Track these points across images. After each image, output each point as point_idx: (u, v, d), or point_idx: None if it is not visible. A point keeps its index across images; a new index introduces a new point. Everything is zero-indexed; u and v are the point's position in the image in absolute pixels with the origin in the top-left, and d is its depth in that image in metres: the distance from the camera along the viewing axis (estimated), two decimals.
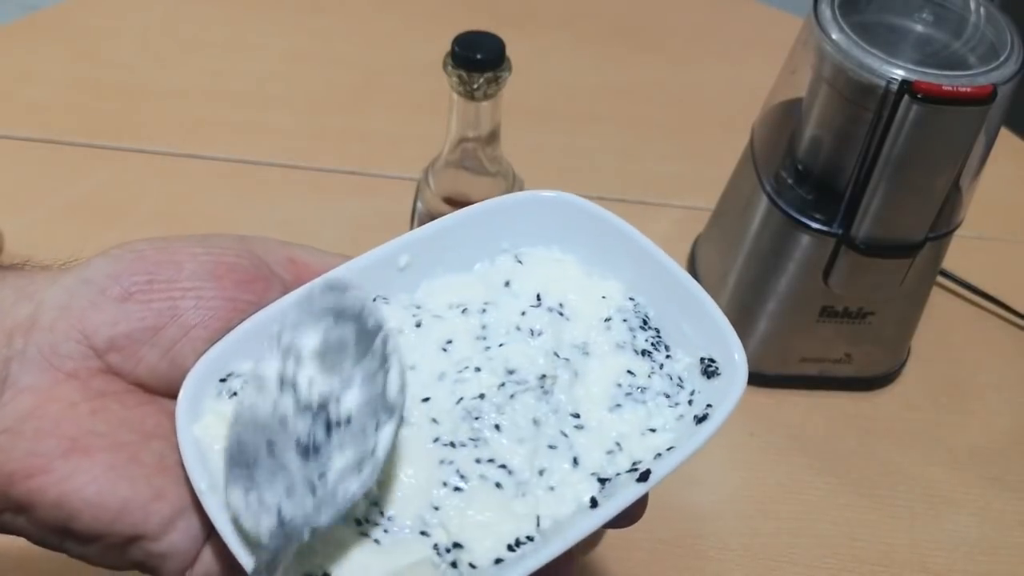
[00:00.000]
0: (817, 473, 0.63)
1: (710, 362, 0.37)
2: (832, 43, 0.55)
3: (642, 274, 0.40)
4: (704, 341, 0.38)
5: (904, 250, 0.59)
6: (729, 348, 0.37)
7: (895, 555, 0.59)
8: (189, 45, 0.91)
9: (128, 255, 0.35)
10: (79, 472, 0.31)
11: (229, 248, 0.36)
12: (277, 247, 0.38)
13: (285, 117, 0.84)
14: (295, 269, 0.37)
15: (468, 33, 0.57)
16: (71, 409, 0.32)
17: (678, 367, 0.38)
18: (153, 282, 0.34)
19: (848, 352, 0.65)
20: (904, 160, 0.54)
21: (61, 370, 0.33)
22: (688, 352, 0.38)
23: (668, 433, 0.36)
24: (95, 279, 0.34)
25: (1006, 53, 0.54)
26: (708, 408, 0.36)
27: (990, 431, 0.67)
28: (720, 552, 0.59)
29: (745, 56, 0.94)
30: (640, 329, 0.39)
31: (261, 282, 0.36)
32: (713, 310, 0.38)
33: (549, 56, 0.92)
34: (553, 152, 0.83)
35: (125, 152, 0.79)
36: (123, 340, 0.33)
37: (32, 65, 0.86)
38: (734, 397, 0.35)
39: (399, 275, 0.39)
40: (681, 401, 0.37)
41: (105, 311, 0.33)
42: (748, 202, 0.63)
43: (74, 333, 0.33)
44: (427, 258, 0.39)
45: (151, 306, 0.34)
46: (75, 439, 0.32)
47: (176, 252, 0.35)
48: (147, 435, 0.33)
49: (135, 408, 0.34)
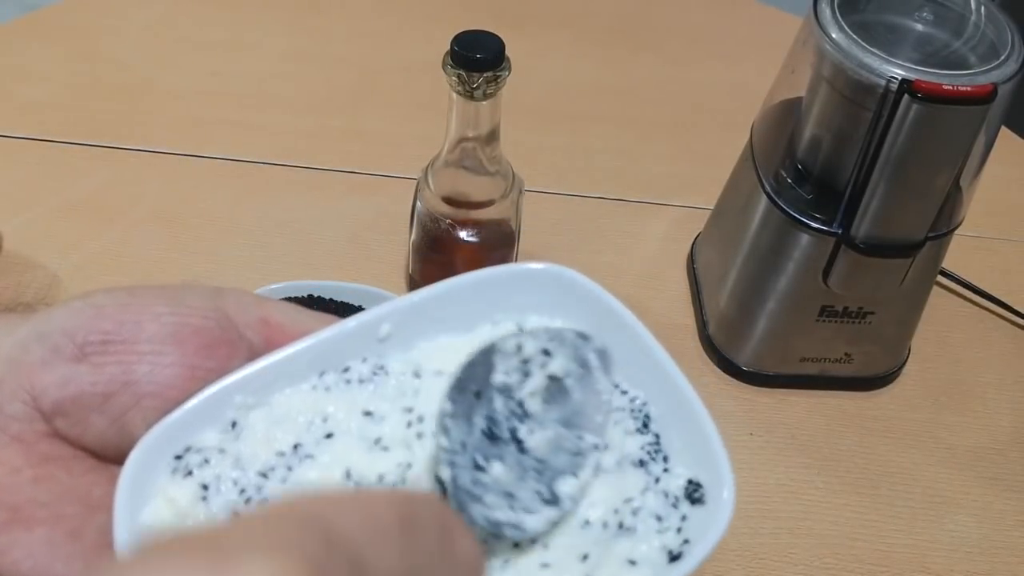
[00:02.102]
0: (817, 473, 0.63)
1: (696, 486, 0.33)
2: (832, 42, 0.55)
3: (640, 367, 0.36)
4: (692, 460, 0.34)
5: (904, 250, 0.59)
6: (720, 477, 0.32)
7: (895, 555, 0.59)
8: (189, 45, 0.91)
9: (88, 310, 0.32)
10: (17, 546, 0.30)
11: (198, 308, 0.33)
12: (251, 306, 0.35)
13: (285, 117, 0.84)
14: (267, 332, 0.35)
15: (467, 33, 0.57)
16: (14, 475, 0.31)
17: (674, 485, 0.34)
18: (108, 343, 0.32)
19: (848, 352, 0.65)
20: (904, 160, 0.54)
21: (6, 432, 0.31)
22: (682, 467, 0.34)
23: (646, 568, 0.32)
24: (50, 335, 0.32)
25: (1006, 52, 0.54)
26: (684, 545, 0.32)
27: (990, 431, 0.67)
28: (720, 552, 0.59)
29: (745, 56, 0.94)
30: (638, 433, 0.35)
31: (225, 347, 0.33)
32: (709, 428, 0.34)
33: (549, 56, 0.92)
34: (553, 152, 0.83)
35: (125, 152, 0.79)
36: (70, 404, 0.31)
37: (32, 64, 0.86)
38: (714, 536, 0.31)
39: (379, 345, 0.36)
40: (670, 527, 0.33)
41: (55, 371, 0.31)
42: (748, 202, 0.63)
43: (21, 393, 0.31)
44: (409, 328, 0.36)
45: (104, 369, 0.32)
46: (16, 509, 0.30)
47: (138, 311, 0.33)
48: (91, 507, 0.32)
49: (81, 476, 0.32)
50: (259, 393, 0.34)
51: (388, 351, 0.36)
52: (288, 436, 0.34)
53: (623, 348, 0.35)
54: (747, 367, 0.67)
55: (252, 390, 0.33)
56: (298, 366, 0.34)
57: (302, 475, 0.33)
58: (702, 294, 0.71)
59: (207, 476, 0.33)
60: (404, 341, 0.36)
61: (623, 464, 0.34)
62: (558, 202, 0.78)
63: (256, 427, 0.34)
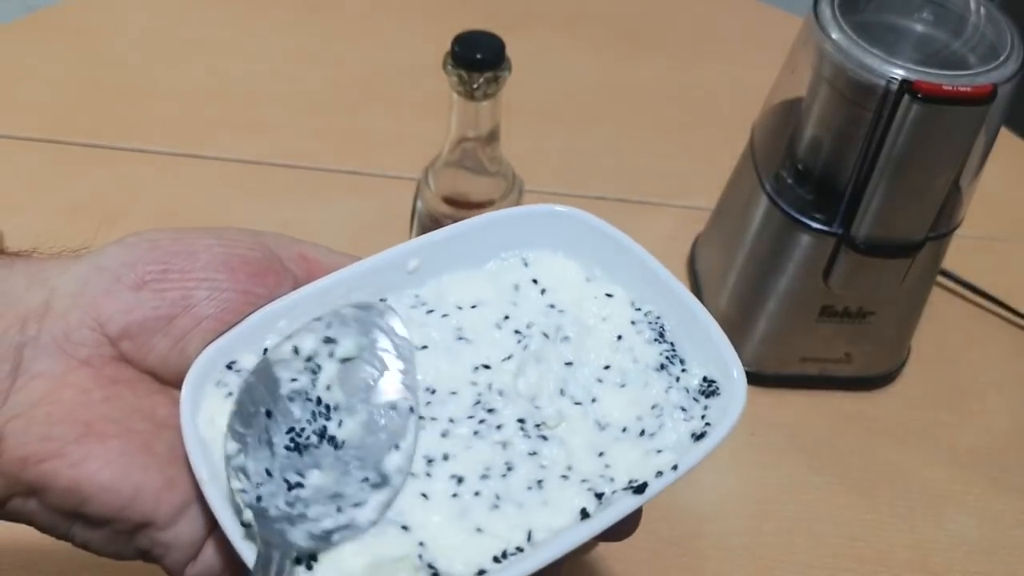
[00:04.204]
0: (817, 473, 0.63)
1: (711, 382, 0.38)
2: (832, 43, 0.55)
3: (649, 287, 0.40)
4: (703, 359, 0.38)
5: (904, 250, 0.59)
6: (727, 365, 0.37)
7: (895, 555, 0.59)
8: (189, 45, 0.91)
9: (143, 243, 0.35)
10: (92, 457, 0.31)
11: (242, 241, 0.36)
12: (289, 243, 0.38)
13: (285, 117, 0.84)
14: (306, 265, 0.37)
15: (468, 33, 0.57)
16: (84, 395, 0.32)
17: (693, 381, 0.38)
18: (168, 271, 0.34)
19: (848, 352, 0.65)
20: (904, 160, 0.54)
21: (75, 357, 0.33)
22: (698, 367, 0.38)
23: (671, 453, 0.36)
24: (109, 266, 0.34)
25: (1006, 53, 0.54)
26: (707, 427, 0.36)
27: (990, 431, 0.67)
28: (720, 552, 0.59)
29: (745, 56, 0.94)
30: (656, 342, 0.39)
31: (273, 275, 0.36)
32: (711, 326, 0.38)
33: (549, 56, 0.92)
34: (553, 152, 0.83)
35: (125, 152, 0.79)
36: (135, 328, 0.34)
37: (32, 65, 0.86)
38: (734, 415, 0.36)
39: (407, 278, 0.39)
40: (695, 416, 0.37)
41: (119, 299, 0.33)
42: (748, 202, 0.63)
43: (87, 320, 0.33)
44: (436, 262, 0.39)
45: (165, 295, 0.34)
46: (88, 424, 0.32)
47: (191, 242, 0.35)
48: (159, 424, 0.34)
49: (147, 397, 0.34)
50: (300, 320, 0.36)
51: (410, 287, 0.39)
52: None
53: (631, 273, 0.40)
54: (747, 367, 0.65)
55: (296, 315, 0.36)
56: (336, 295, 0.37)
57: None
58: (702, 294, 0.71)
59: None
60: (424, 278, 0.39)
61: (647, 370, 0.38)
62: (558, 202, 0.78)
63: None
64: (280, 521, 0.32)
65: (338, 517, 0.33)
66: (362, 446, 0.34)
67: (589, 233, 0.41)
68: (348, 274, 0.37)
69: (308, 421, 0.34)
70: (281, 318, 0.36)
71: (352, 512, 0.33)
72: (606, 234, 0.40)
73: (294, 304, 0.36)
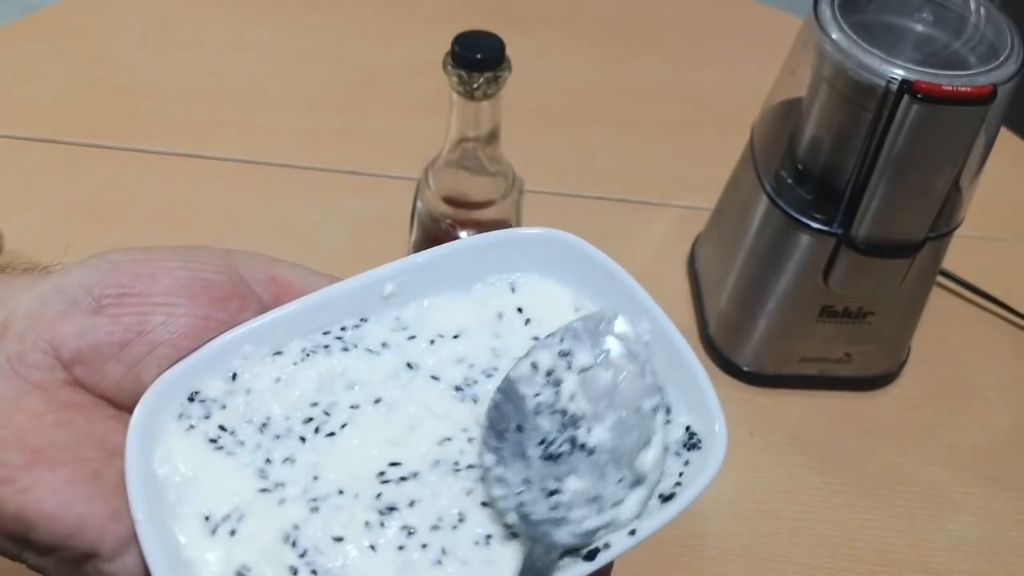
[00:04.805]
0: (817, 473, 0.63)
1: (692, 434, 0.35)
2: (832, 43, 0.55)
3: (639, 322, 0.37)
4: (686, 406, 0.35)
5: (904, 250, 0.59)
6: (711, 416, 0.34)
7: (895, 555, 0.59)
8: (189, 45, 0.91)
9: (104, 265, 0.34)
10: (40, 484, 0.31)
11: (209, 264, 0.35)
12: (261, 264, 0.37)
13: (285, 117, 0.84)
14: (276, 288, 0.37)
15: (468, 33, 0.57)
16: (35, 420, 0.32)
17: (674, 436, 0.35)
18: (126, 295, 0.34)
19: (848, 352, 0.65)
20: (904, 160, 0.54)
21: (28, 380, 0.32)
22: (683, 416, 0.36)
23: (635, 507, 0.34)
24: (68, 289, 0.34)
25: (1006, 53, 0.54)
26: (676, 486, 0.34)
27: (990, 431, 0.67)
28: (720, 552, 0.59)
29: (745, 56, 0.94)
30: None
31: (237, 300, 0.35)
32: (698, 369, 0.35)
33: (549, 56, 0.92)
34: (553, 152, 0.83)
35: (125, 152, 0.79)
36: (88, 353, 0.33)
37: (31, 65, 0.86)
38: (708, 475, 0.32)
39: (383, 303, 0.38)
40: (672, 472, 0.34)
41: (73, 322, 0.33)
42: (748, 202, 0.63)
43: (41, 343, 0.33)
44: (413, 287, 0.38)
45: (120, 320, 0.33)
46: (38, 450, 0.31)
47: (153, 265, 0.35)
48: (111, 452, 0.33)
49: (100, 423, 0.33)
50: (266, 345, 0.35)
51: (391, 308, 0.38)
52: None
53: (619, 305, 0.37)
54: (747, 367, 0.67)
55: (260, 341, 0.35)
56: (305, 320, 0.36)
57: None
58: (702, 294, 0.71)
59: (210, 428, 0.34)
60: (406, 300, 0.38)
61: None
62: (558, 202, 0.78)
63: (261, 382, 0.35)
64: (544, 524, 0.33)
65: (600, 518, 0.33)
66: (614, 449, 0.35)
67: (580, 260, 0.39)
68: (320, 298, 0.36)
69: (558, 431, 0.35)
70: (245, 343, 0.35)
71: (614, 511, 0.33)
72: (596, 262, 0.38)
73: (259, 330, 0.35)
